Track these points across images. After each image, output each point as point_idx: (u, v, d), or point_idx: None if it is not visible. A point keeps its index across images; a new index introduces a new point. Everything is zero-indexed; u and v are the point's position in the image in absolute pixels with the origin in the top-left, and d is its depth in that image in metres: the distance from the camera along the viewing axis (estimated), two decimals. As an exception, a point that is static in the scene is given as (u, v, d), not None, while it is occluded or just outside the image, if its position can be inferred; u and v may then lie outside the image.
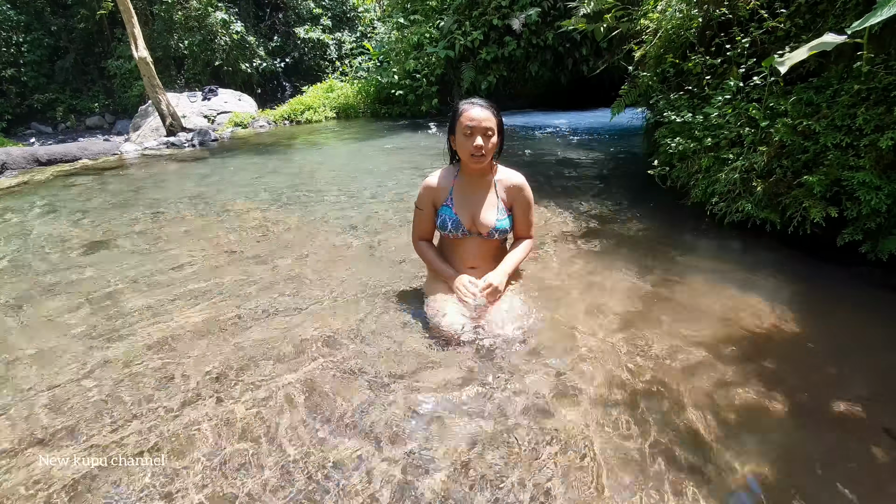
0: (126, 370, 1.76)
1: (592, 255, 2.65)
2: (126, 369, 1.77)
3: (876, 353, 1.78)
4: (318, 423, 1.46)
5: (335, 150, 6.46)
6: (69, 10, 13.71)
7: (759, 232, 2.71)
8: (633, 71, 4.13)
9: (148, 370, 1.76)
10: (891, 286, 2.25)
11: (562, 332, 1.90)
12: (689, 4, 3.52)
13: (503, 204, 1.94)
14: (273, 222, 3.38)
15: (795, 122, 2.61)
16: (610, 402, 1.53)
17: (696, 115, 3.25)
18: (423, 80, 9.06)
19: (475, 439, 1.38)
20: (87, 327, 2.08)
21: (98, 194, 4.40)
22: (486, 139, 1.79)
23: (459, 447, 1.36)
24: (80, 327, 2.08)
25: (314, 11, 15.45)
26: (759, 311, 2.02)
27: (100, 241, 3.14)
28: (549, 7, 8.60)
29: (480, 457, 1.32)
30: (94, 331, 2.05)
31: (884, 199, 2.24)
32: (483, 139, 1.78)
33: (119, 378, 1.72)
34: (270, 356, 1.81)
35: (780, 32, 2.94)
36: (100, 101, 14.13)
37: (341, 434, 1.42)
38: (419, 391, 1.59)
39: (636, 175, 4.20)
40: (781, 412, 1.47)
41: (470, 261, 2.01)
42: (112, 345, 1.93)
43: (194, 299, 2.29)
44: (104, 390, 1.65)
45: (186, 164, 5.76)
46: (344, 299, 2.22)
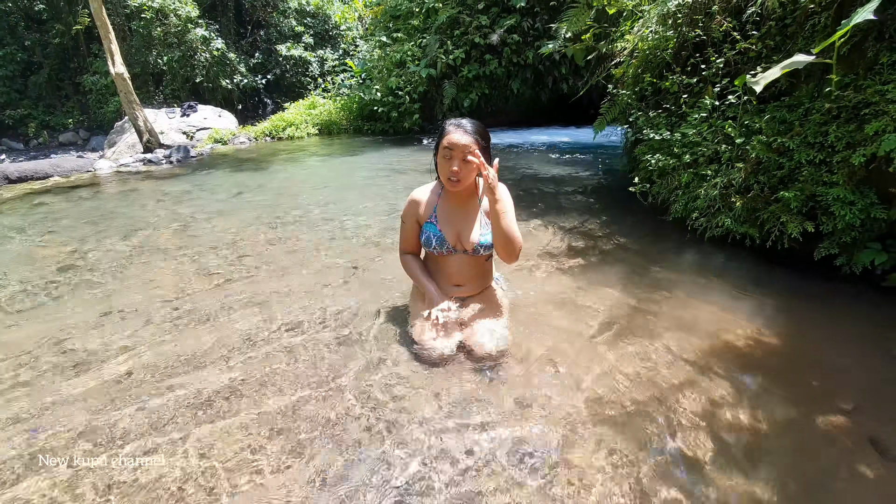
0: (93, 401, 1.66)
1: (576, 272, 2.65)
2: (93, 401, 1.66)
3: (856, 365, 1.80)
4: (298, 454, 1.39)
5: (317, 167, 6.40)
6: (44, 26, 13.46)
7: (740, 246, 2.75)
8: (613, 89, 4.21)
9: (114, 402, 1.66)
10: (866, 299, 2.29)
11: (545, 352, 1.87)
12: (665, 26, 3.62)
13: (486, 217, 1.92)
14: (253, 241, 3.30)
15: (770, 139, 2.67)
16: (596, 421, 1.50)
17: (675, 132, 3.32)
18: (405, 97, 9.11)
19: (457, 461, 1.33)
20: (53, 355, 1.97)
21: (68, 213, 4.24)
22: (463, 164, 1.74)
23: (443, 470, 1.30)
24: (47, 356, 1.97)
25: (296, 29, 15.50)
26: (742, 327, 2.03)
27: (68, 265, 3.01)
28: (529, 27, 8.79)
29: (462, 479, 1.27)
30: (64, 359, 1.94)
31: (857, 214, 2.30)
32: (460, 164, 1.74)
33: (96, 407, 1.61)
34: (248, 381, 1.73)
35: (752, 53, 3.04)
36: (74, 116, 13.80)
37: (320, 454, 1.35)
38: (403, 412, 1.53)
39: (617, 191, 4.26)
40: (770, 428, 1.46)
41: (455, 278, 1.97)
42: (79, 377, 1.83)
43: (168, 323, 2.19)
44: (73, 421, 1.55)
45: (163, 182, 5.62)
46: (326, 321, 2.16)
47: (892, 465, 1.33)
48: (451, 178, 1.77)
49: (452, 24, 9.04)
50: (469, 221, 1.90)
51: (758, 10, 2.99)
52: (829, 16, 2.61)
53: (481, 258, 1.97)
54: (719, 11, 3.26)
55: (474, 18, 8.90)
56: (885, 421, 1.50)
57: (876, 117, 2.26)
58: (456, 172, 1.75)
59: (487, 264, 2.05)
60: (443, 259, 1.95)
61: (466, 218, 1.90)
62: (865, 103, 2.34)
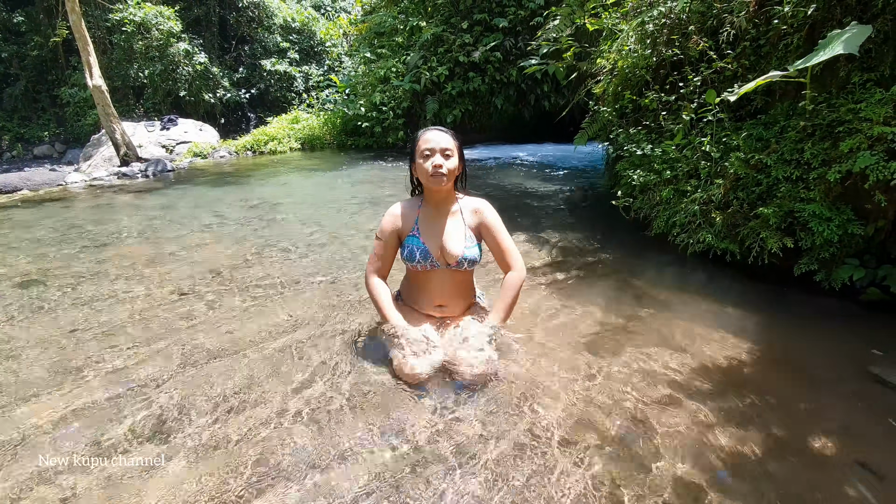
0: (55, 432, 1.53)
1: (558, 289, 2.60)
2: (55, 431, 1.54)
3: (840, 382, 1.78)
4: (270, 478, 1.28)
5: (297, 181, 6.31)
6: (22, 38, 13.23)
7: (721, 262, 2.75)
8: (594, 106, 4.25)
9: (76, 426, 1.53)
10: (846, 314, 2.29)
11: (526, 371, 1.80)
12: (643, 45, 3.68)
13: (470, 231, 1.86)
14: (225, 257, 3.18)
15: (748, 155, 2.69)
16: (582, 444, 1.43)
17: (655, 148, 3.33)
18: (389, 112, 9.12)
19: (430, 483, 1.24)
20: (9, 376, 1.83)
21: (33, 228, 4.07)
22: (445, 158, 1.75)
23: (423, 495, 1.21)
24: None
25: (281, 45, 15.53)
26: (725, 344, 2.00)
27: (30, 280, 2.85)
28: (512, 45, 8.93)
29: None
30: (18, 378, 1.80)
31: (835, 230, 2.31)
32: (442, 157, 1.74)
33: (40, 442, 1.48)
34: (214, 402, 1.62)
35: (728, 72, 3.09)
36: (50, 129, 13.51)
37: (293, 480, 1.25)
38: (383, 434, 1.44)
39: (599, 206, 4.27)
40: (759, 450, 1.42)
41: (438, 297, 1.90)
42: (29, 401, 1.69)
43: (135, 345, 2.07)
44: (26, 450, 1.42)
45: (136, 196, 5.46)
46: (301, 339, 2.06)
47: (883, 487, 1.28)
48: (434, 172, 1.73)
49: (436, 42, 9.14)
50: (451, 234, 1.83)
51: (732, 31, 3.05)
52: (801, 37, 2.67)
53: (465, 273, 1.91)
54: (695, 31, 3.32)
55: (458, 37, 9.02)
56: (871, 441, 1.46)
57: (850, 135, 2.29)
58: (439, 165, 1.73)
59: (470, 279, 1.99)
60: (425, 275, 1.88)
61: (448, 230, 1.84)
62: (839, 121, 2.37)
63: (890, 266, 2.31)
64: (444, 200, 1.86)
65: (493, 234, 1.87)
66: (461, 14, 9.17)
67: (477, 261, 1.87)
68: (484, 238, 1.90)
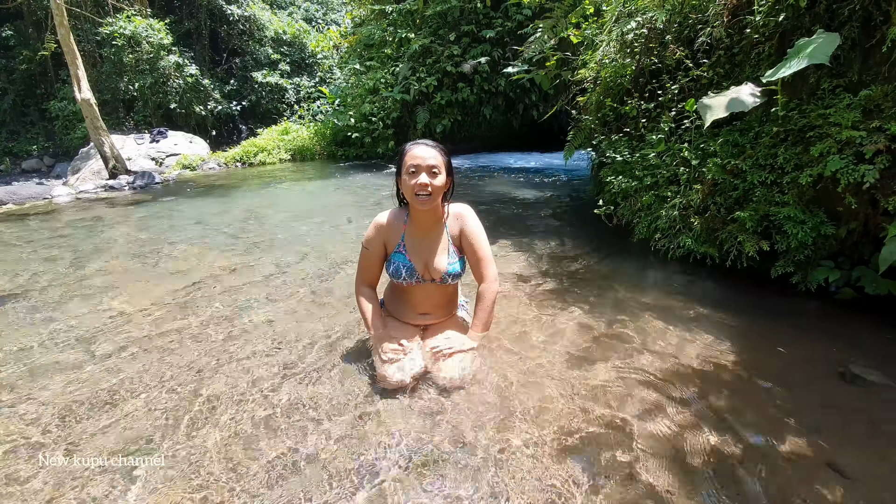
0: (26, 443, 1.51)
1: (542, 295, 2.62)
2: (27, 441, 1.52)
3: (814, 382, 1.80)
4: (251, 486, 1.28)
5: (287, 192, 6.31)
6: (11, 52, 13.20)
7: (701, 265, 2.78)
8: (578, 115, 4.31)
9: (51, 442, 1.52)
10: (822, 314, 2.32)
11: (508, 377, 1.81)
12: (623, 54, 3.75)
13: (453, 247, 1.85)
14: (210, 268, 3.17)
15: (724, 161, 2.74)
16: (563, 450, 1.43)
17: (635, 154, 3.38)
18: (379, 122, 9.17)
19: (413, 487, 1.24)
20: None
21: (14, 242, 4.03)
22: (431, 176, 1.68)
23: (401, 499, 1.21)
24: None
25: (272, 57, 15.59)
26: (703, 347, 2.02)
27: (8, 294, 2.83)
28: (500, 56, 9.04)
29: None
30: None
31: (808, 233, 2.35)
32: (428, 176, 1.68)
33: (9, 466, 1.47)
34: (199, 411, 1.61)
35: (704, 80, 3.15)
36: (39, 143, 13.41)
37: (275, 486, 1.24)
38: (364, 442, 1.44)
39: (584, 213, 4.30)
40: (736, 453, 1.43)
41: (421, 307, 1.91)
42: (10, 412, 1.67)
43: (117, 358, 2.05)
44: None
45: (123, 209, 5.44)
46: (287, 350, 2.06)
47: (850, 488, 1.30)
48: (421, 192, 1.68)
49: (425, 53, 9.23)
50: (436, 250, 1.82)
51: (707, 40, 3.12)
52: (773, 45, 2.74)
53: (449, 286, 1.92)
54: (672, 41, 3.39)
55: (446, 48, 9.12)
56: (840, 442, 1.48)
57: (820, 140, 2.34)
58: (425, 185, 1.67)
59: (454, 291, 2.00)
60: (410, 288, 1.88)
61: (433, 247, 1.83)
62: (810, 126, 2.43)
63: (863, 267, 2.35)
64: (430, 214, 1.81)
65: (472, 241, 1.85)
66: (449, 26, 9.29)
67: (460, 274, 1.87)
68: (462, 244, 1.88)
